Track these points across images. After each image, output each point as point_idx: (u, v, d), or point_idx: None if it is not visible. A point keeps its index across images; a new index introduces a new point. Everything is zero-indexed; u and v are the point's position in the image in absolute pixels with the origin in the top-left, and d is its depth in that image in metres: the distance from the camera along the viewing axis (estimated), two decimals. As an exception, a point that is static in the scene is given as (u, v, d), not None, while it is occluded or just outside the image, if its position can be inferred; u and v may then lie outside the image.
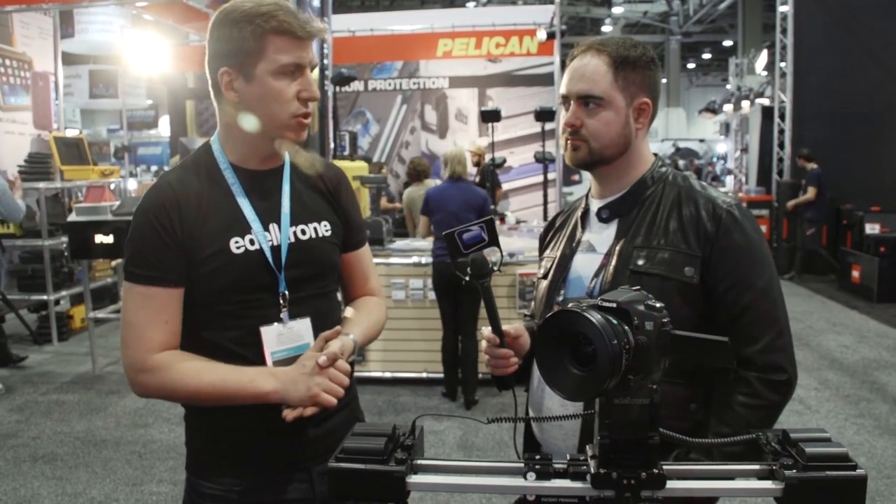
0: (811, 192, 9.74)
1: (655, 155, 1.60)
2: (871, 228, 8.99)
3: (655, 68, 1.54)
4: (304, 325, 1.48)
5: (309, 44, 1.43)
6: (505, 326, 1.48)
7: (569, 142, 1.52)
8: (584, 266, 1.55)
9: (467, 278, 1.40)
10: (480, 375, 5.19)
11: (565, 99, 1.53)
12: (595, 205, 1.59)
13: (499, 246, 1.41)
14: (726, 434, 1.35)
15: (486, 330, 1.49)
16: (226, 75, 1.41)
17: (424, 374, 5.50)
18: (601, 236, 1.56)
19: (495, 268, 1.40)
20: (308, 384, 1.36)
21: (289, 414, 1.36)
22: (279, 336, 1.46)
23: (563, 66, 1.58)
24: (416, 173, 7.07)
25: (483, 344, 1.51)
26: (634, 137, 1.53)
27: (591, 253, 1.56)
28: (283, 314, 1.47)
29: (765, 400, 1.40)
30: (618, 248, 1.50)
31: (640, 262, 1.46)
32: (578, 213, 1.64)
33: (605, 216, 1.56)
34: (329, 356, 1.37)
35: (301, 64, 1.42)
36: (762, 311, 1.43)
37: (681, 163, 17.74)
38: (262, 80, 1.40)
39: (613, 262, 1.49)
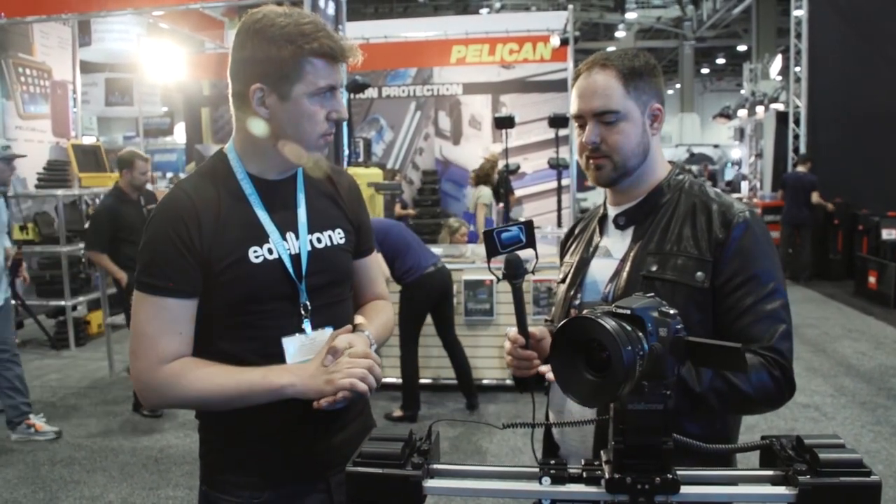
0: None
1: (672, 163, 1.62)
2: (888, 234, 8.90)
3: (660, 74, 1.56)
4: (325, 336, 1.45)
5: (341, 65, 1.43)
6: (530, 328, 1.48)
7: (591, 161, 1.52)
8: (601, 271, 1.57)
9: (500, 277, 1.41)
10: (487, 381, 5.18)
11: (578, 118, 1.53)
12: (612, 211, 1.61)
13: (535, 249, 1.42)
14: (718, 385, 1.35)
15: (511, 331, 1.49)
16: (258, 91, 1.38)
17: (439, 381, 5.48)
18: (618, 242, 1.57)
19: (530, 269, 1.42)
20: (326, 377, 1.35)
21: (321, 403, 1.35)
22: (301, 347, 1.44)
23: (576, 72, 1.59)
24: (486, 175, 8.54)
25: (507, 344, 1.50)
26: (651, 144, 1.54)
27: (607, 258, 1.57)
28: (305, 324, 1.46)
29: (771, 368, 1.37)
30: (632, 253, 1.52)
31: (653, 268, 1.47)
32: (597, 218, 1.66)
33: (621, 223, 1.58)
34: (332, 352, 1.37)
35: (335, 86, 1.42)
36: (769, 311, 1.41)
37: (694, 168, 17.68)
38: (298, 101, 1.38)
39: (627, 267, 1.51)
